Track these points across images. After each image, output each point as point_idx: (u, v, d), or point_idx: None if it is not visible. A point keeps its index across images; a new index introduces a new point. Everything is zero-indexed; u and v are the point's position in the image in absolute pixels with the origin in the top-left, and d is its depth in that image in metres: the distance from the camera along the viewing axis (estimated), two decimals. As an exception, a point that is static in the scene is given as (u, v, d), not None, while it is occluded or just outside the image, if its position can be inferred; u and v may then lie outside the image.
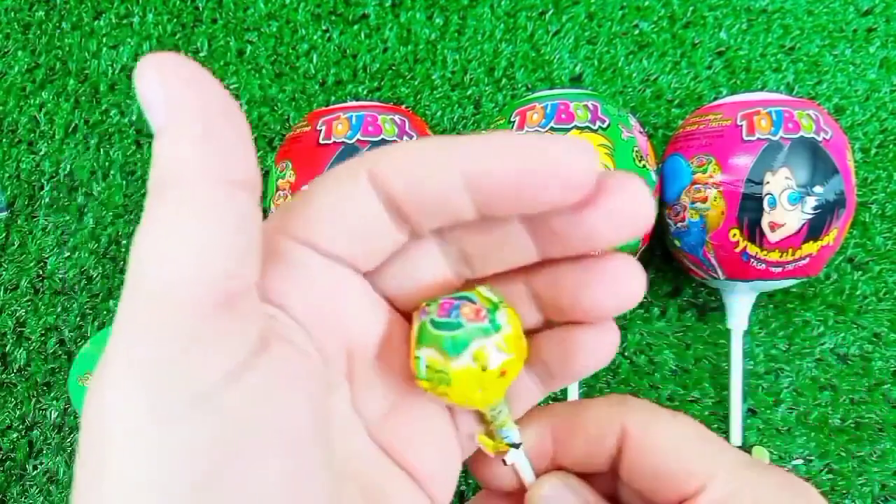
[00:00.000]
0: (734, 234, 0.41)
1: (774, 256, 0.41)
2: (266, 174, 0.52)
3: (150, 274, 0.16)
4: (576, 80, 0.53)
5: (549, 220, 0.21)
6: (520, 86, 0.53)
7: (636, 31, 0.54)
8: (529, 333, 0.25)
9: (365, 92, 0.54)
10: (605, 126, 0.41)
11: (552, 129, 0.40)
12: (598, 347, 0.25)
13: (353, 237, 0.22)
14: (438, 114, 0.53)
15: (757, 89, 0.52)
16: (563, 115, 0.41)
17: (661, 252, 0.49)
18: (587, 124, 0.40)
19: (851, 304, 0.49)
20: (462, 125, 0.53)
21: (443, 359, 0.22)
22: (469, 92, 0.53)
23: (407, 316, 0.25)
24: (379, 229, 0.22)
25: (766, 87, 0.52)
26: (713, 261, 0.42)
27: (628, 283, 0.23)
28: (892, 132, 0.51)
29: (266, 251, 0.21)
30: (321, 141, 0.41)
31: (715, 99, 0.47)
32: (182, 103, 0.16)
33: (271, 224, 0.22)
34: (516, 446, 0.26)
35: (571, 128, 0.40)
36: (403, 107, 0.51)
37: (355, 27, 0.55)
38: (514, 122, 0.42)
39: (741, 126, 0.41)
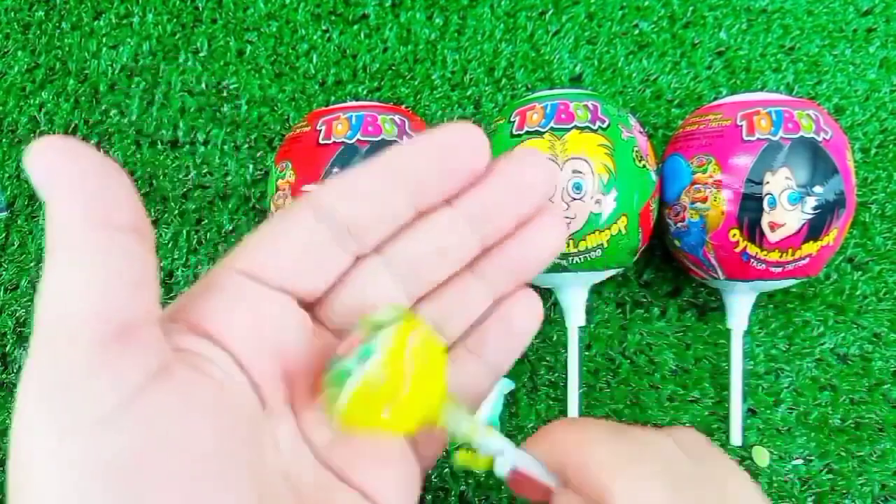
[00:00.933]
0: (734, 234, 0.41)
1: (774, 256, 0.41)
2: (266, 174, 0.52)
3: (45, 314, 0.18)
4: (576, 80, 0.53)
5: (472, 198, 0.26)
6: (520, 86, 0.53)
7: (636, 31, 0.54)
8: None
9: (365, 92, 0.54)
10: (605, 126, 0.41)
11: (552, 129, 0.40)
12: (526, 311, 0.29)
13: (294, 264, 0.24)
14: (438, 114, 0.53)
15: (757, 89, 0.52)
16: (563, 115, 0.41)
17: (661, 252, 0.49)
18: (587, 124, 0.40)
19: (851, 304, 0.49)
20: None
21: (334, 400, 0.23)
22: (469, 92, 0.53)
23: None
24: (321, 253, 0.25)
25: (766, 87, 0.52)
26: (713, 261, 0.42)
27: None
28: (892, 132, 0.51)
29: (210, 284, 0.24)
30: (321, 141, 0.41)
31: (715, 99, 0.47)
32: (61, 172, 0.18)
33: (223, 259, 0.24)
34: (500, 454, 0.25)
35: (571, 128, 0.40)
36: (403, 107, 0.51)
37: (355, 27, 0.55)
38: (513, 121, 0.42)
39: (741, 126, 0.41)
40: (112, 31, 0.56)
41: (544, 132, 0.41)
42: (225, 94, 0.54)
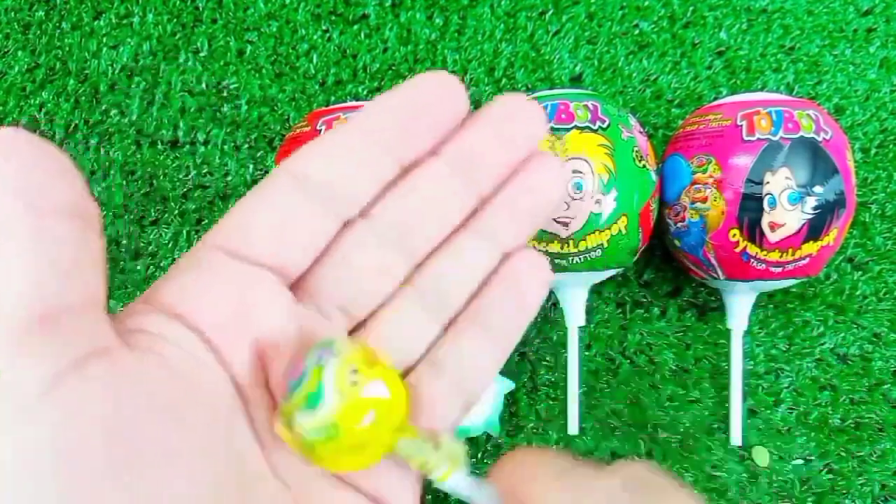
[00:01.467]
0: (734, 234, 0.41)
1: (774, 256, 0.41)
2: (266, 174, 0.52)
3: None
4: (576, 80, 0.53)
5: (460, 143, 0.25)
6: (520, 86, 0.53)
7: (636, 31, 0.54)
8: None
9: (365, 92, 0.54)
10: (605, 126, 0.41)
11: (552, 128, 0.40)
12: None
13: (273, 235, 0.23)
14: (438, 114, 0.53)
15: (757, 89, 0.52)
16: (563, 115, 0.41)
17: (661, 252, 0.49)
18: (587, 124, 0.40)
19: (851, 304, 0.49)
20: (462, 125, 0.53)
21: (287, 438, 0.22)
22: (469, 92, 0.53)
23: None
24: (301, 221, 0.23)
25: (766, 87, 0.52)
26: (713, 261, 0.42)
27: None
28: (892, 132, 0.51)
29: (187, 262, 0.23)
30: (321, 141, 0.41)
31: (715, 99, 0.47)
32: None
33: (203, 237, 0.24)
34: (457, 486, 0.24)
35: (571, 128, 0.40)
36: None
37: (355, 27, 0.55)
38: None
39: (741, 126, 0.41)
40: (112, 31, 0.56)
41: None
42: (225, 94, 0.54)
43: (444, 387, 0.26)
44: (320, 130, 0.41)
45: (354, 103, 0.43)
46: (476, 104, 0.53)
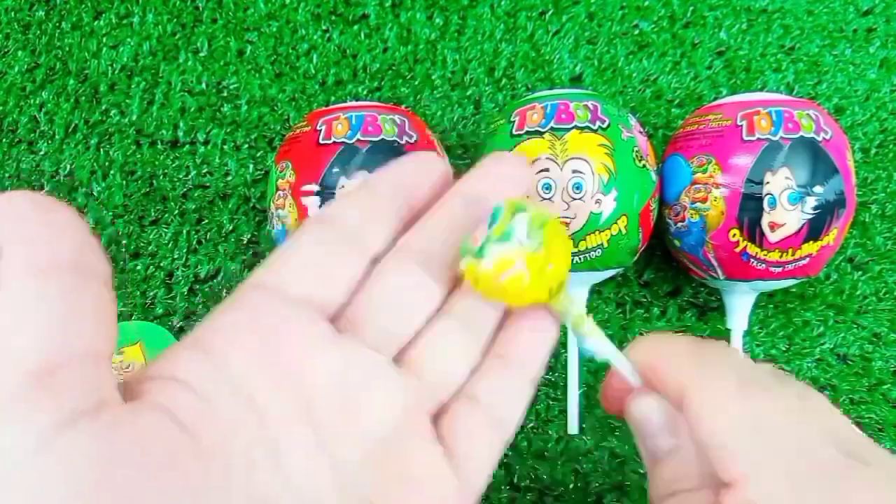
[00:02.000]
0: (734, 234, 0.41)
1: (774, 256, 0.41)
2: (266, 174, 0.52)
3: None
4: (576, 80, 0.53)
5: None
6: (520, 86, 0.53)
7: (636, 31, 0.54)
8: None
9: (365, 92, 0.54)
10: (604, 126, 0.41)
11: (552, 128, 0.40)
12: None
13: (311, 272, 0.25)
14: (438, 114, 0.53)
15: (757, 89, 0.52)
16: (563, 115, 0.41)
17: (661, 252, 0.49)
18: (587, 124, 0.40)
19: (851, 304, 0.49)
20: (462, 125, 0.53)
21: (469, 264, 0.25)
22: (469, 92, 0.53)
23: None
24: (335, 258, 0.26)
25: (766, 87, 0.52)
26: (713, 261, 0.42)
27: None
28: (892, 132, 0.51)
29: (228, 300, 0.24)
30: (321, 141, 0.41)
31: (715, 99, 0.47)
32: None
33: (246, 280, 0.25)
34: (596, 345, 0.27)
35: (571, 128, 0.40)
36: (403, 107, 0.51)
37: (355, 27, 0.55)
38: (513, 121, 0.42)
39: (741, 126, 0.41)
40: (112, 31, 0.56)
41: (544, 132, 0.41)
42: (225, 94, 0.54)
43: (482, 421, 0.27)
44: (320, 131, 0.41)
45: (355, 103, 0.43)
46: (476, 104, 0.53)
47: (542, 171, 0.40)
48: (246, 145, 0.53)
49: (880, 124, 0.52)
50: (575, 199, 0.40)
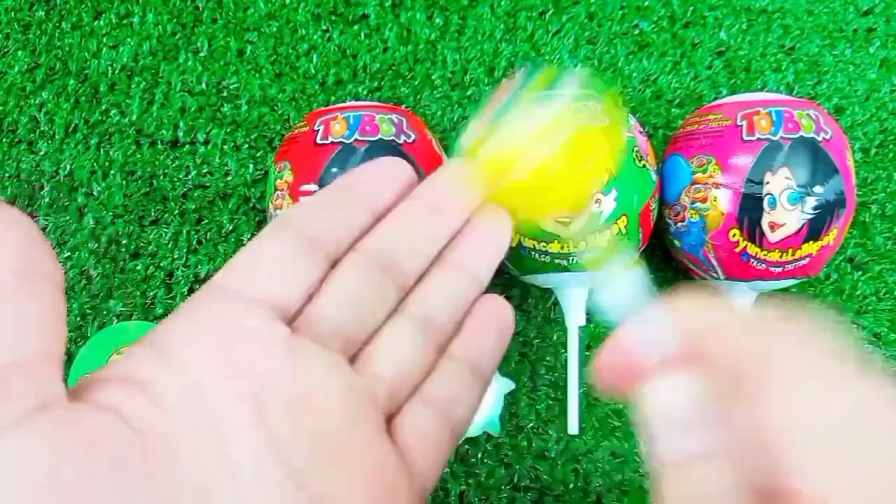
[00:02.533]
0: (734, 234, 0.41)
1: (774, 256, 0.41)
2: (266, 174, 0.52)
3: None
4: (576, 80, 0.53)
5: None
6: (520, 86, 0.53)
7: (636, 31, 0.54)
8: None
9: (365, 92, 0.54)
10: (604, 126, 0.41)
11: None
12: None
13: (269, 274, 0.25)
14: (438, 114, 0.53)
15: (757, 89, 0.52)
16: None
17: (661, 252, 0.49)
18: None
19: (851, 304, 0.49)
20: (462, 125, 0.53)
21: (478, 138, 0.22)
22: (469, 92, 0.53)
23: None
24: (294, 261, 0.26)
25: (766, 87, 0.52)
26: (713, 261, 0.42)
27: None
28: (892, 132, 0.51)
29: (185, 303, 0.25)
30: (318, 141, 0.41)
31: (715, 99, 0.47)
32: None
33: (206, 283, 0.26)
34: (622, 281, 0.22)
35: None
36: (403, 107, 0.51)
37: (355, 27, 0.55)
38: None
39: (741, 126, 0.41)
40: (112, 31, 0.56)
41: None
42: (225, 94, 0.54)
43: (435, 418, 0.27)
44: (317, 131, 0.41)
45: (353, 103, 0.43)
46: (476, 104, 0.53)
47: None
48: (246, 145, 0.53)
49: (880, 124, 0.51)
50: None
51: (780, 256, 0.41)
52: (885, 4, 0.53)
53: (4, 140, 0.54)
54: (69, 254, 0.52)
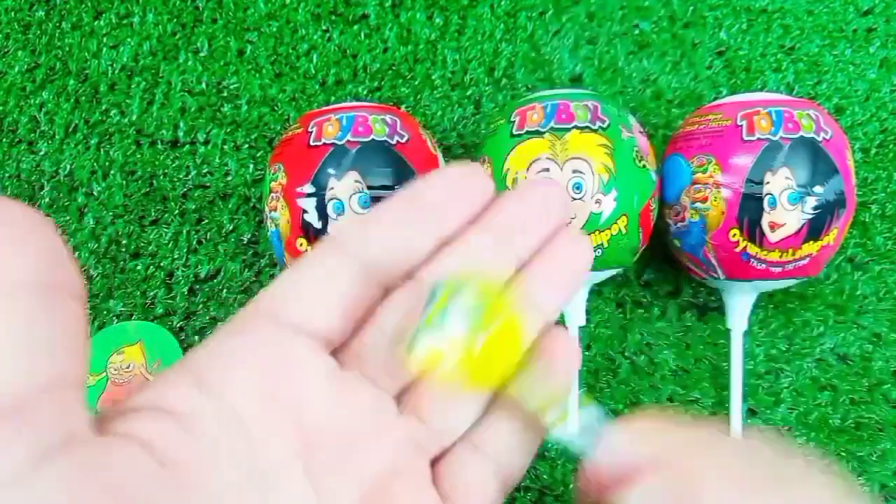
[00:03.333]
0: (734, 234, 0.40)
1: (774, 256, 0.40)
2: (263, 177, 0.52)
3: None
4: (576, 80, 0.53)
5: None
6: (520, 86, 0.53)
7: (636, 31, 0.54)
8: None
9: (365, 92, 0.54)
10: (605, 126, 0.40)
11: (552, 128, 0.40)
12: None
13: (316, 301, 0.23)
14: (438, 114, 0.53)
15: (757, 89, 0.52)
16: (563, 115, 0.41)
17: (661, 252, 0.49)
18: (587, 124, 0.40)
19: (851, 304, 0.49)
20: (462, 125, 0.53)
21: (410, 351, 0.23)
22: (469, 92, 0.53)
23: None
24: (344, 288, 0.24)
25: (766, 87, 0.52)
26: (713, 261, 0.42)
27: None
28: (892, 132, 0.51)
29: (227, 326, 0.23)
30: (311, 142, 0.41)
31: (715, 99, 0.47)
32: None
33: (248, 304, 0.24)
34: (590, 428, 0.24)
35: (571, 127, 0.40)
36: (403, 107, 0.51)
37: (355, 27, 0.55)
38: (514, 121, 0.42)
39: (741, 126, 0.41)
40: (112, 31, 0.56)
41: (544, 132, 0.40)
42: (225, 94, 0.54)
43: (482, 469, 0.25)
44: (311, 133, 0.41)
45: (346, 104, 0.43)
46: (476, 104, 0.53)
47: (542, 171, 0.40)
48: (246, 145, 0.53)
49: (880, 124, 0.51)
50: (575, 199, 0.39)
51: (781, 256, 0.40)
52: (885, 4, 0.53)
53: (4, 140, 0.54)
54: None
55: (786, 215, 0.39)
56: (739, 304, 0.45)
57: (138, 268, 0.51)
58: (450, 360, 0.22)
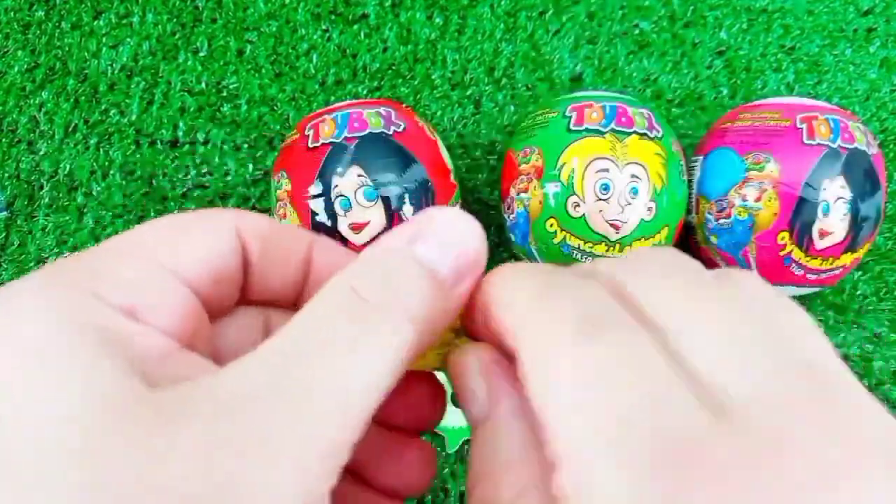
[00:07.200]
0: (782, 237, 0.27)
1: (815, 264, 0.27)
2: (266, 174, 0.38)
3: None
4: (576, 80, 0.39)
5: None
6: (520, 85, 0.39)
7: (636, 31, 0.39)
8: None
9: (365, 92, 0.39)
10: (659, 136, 0.28)
11: (613, 130, 0.27)
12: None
13: (204, 263, 0.14)
14: (438, 113, 0.39)
15: (757, 89, 0.38)
16: (623, 119, 0.27)
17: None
18: (645, 131, 0.27)
19: (851, 304, 0.36)
20: (462, 125, 0.39)
21: None
22: (469, 92, 0.39)
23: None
24: (228, 265, 0.14)
25: (767, 87, 0.38)
26: (751, 261, 0.28)
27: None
28: (892, 132, 0.38)
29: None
30: (310, 145, 0.29)
31: (715, 98, 0.33)
32: None
33: None
34: None
35: (632, 132, 0.27)
36: (403, 106, 0.37)
37: (355, 27, 0.40)
38: (570, 116, 0.28)
39: (801, 129, 0.27)
40: (112, 31, 0.41)
41: (605, 132, 0.27)
42: (225, 93, 0.39)
43: None
44: (308, 136, 0.29)
45: (340, 104, 0.31)
46: (476, 104, 0.39)
47: (601, 171, 0.26)
48: (246, 145, 0.38)
49: (880, 124, 0.38)
50: (631, 203, 0.26)
51: (820, 264, 0.27)
52: (885, 4, 0.39)
53: (4, 140, 0.40)
54: (69, 254, 0.38)
55: (836, 224, 0.26)
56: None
57: (134, 270, 0.37)
58: None
